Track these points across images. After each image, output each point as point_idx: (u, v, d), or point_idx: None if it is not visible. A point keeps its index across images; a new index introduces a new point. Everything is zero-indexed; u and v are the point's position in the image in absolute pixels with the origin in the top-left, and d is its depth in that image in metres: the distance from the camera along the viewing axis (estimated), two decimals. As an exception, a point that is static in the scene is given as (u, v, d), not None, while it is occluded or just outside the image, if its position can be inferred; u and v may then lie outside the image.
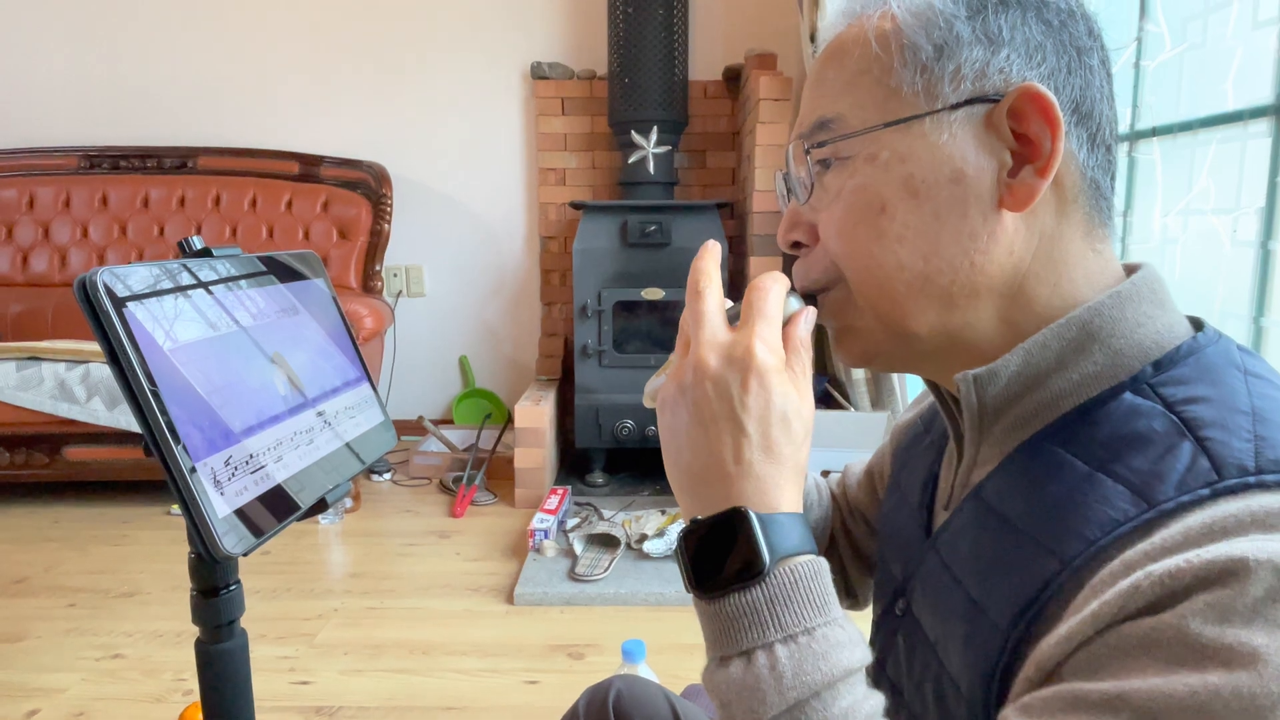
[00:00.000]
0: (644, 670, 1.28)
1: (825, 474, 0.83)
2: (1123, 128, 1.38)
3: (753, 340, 0.44)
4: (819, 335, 0.58)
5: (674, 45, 2.71)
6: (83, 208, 2.99)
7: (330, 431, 0.71)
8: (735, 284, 2.74)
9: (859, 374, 2.20)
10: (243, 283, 0.67)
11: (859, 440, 2.04)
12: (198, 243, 0.65)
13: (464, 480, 2.63)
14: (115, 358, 0.53)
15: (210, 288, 0.63)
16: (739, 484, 0.43)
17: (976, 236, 0.46)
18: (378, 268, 2.98)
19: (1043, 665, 0.38)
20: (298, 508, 0.63)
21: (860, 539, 0.75)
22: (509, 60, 3.07)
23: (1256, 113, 1.10)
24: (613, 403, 2.65)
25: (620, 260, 2.63)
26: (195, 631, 0.66)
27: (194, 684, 1.58)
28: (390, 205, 2.97)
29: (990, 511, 0.47)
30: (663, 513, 2.33)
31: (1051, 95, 0.44)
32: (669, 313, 2.72)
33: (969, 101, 0.45)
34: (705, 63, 3.02)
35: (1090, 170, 0.46)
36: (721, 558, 0.42)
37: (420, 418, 3.13)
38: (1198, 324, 0.48)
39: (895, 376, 2.14)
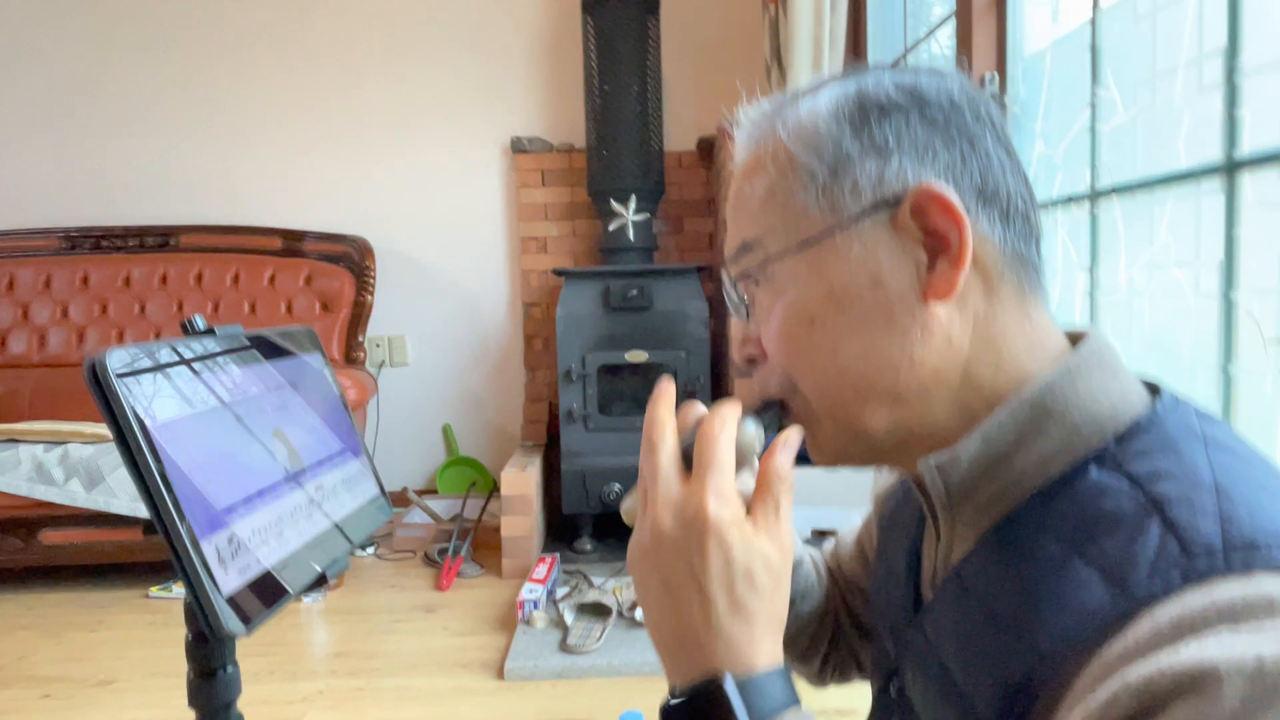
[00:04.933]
0: (643, 741, 1.26)
1: (820, 534, 0.83)
2: (1083, 187, 1.45)
3: (704, 497, 0.44)
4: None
5: (648, 118, 2.81)
6: (63, 288, 2.98)
7: (320, 511, 0.71)
8: (717, 345, 2.77)
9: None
10: (241, 361, 0.68)
11: (846, 498, 2.05)
12: (201, 323, 0.66)
13: (449, 552, 2.59)
14: (122, 437, 0.53)
15: (212, 366, 0.64)
16: (712, 648, 0.43)
17: (909, 333, 0.47)
18: (360, 339, 2.99)
19: None
20: (287, 592, 0.63)
21: (860, 613, 0.74)
22: (489, 135, 3.15)
23: (1207, 170, 1.16)
24: (599, 466, 2.65)
25: (603, 324, 2.66)
26: None
27: (174, 776, 1.52)
28: (373, 277, 3.00)
29: (970, 594, 0.47)
30: (653, 578, 2.31)
31: (947, 190, 0.46)
32: (652, 374, 2.74)
33: (872, 209, 0.47)
34: (679, 133, 3.12)
35: (1009, 244, 0.48)
36: None
37: (405, 489, 3.09)
38: (1153, 388, 0.49)
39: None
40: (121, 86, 3.13)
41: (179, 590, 2.46)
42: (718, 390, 2.83)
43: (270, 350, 0.72)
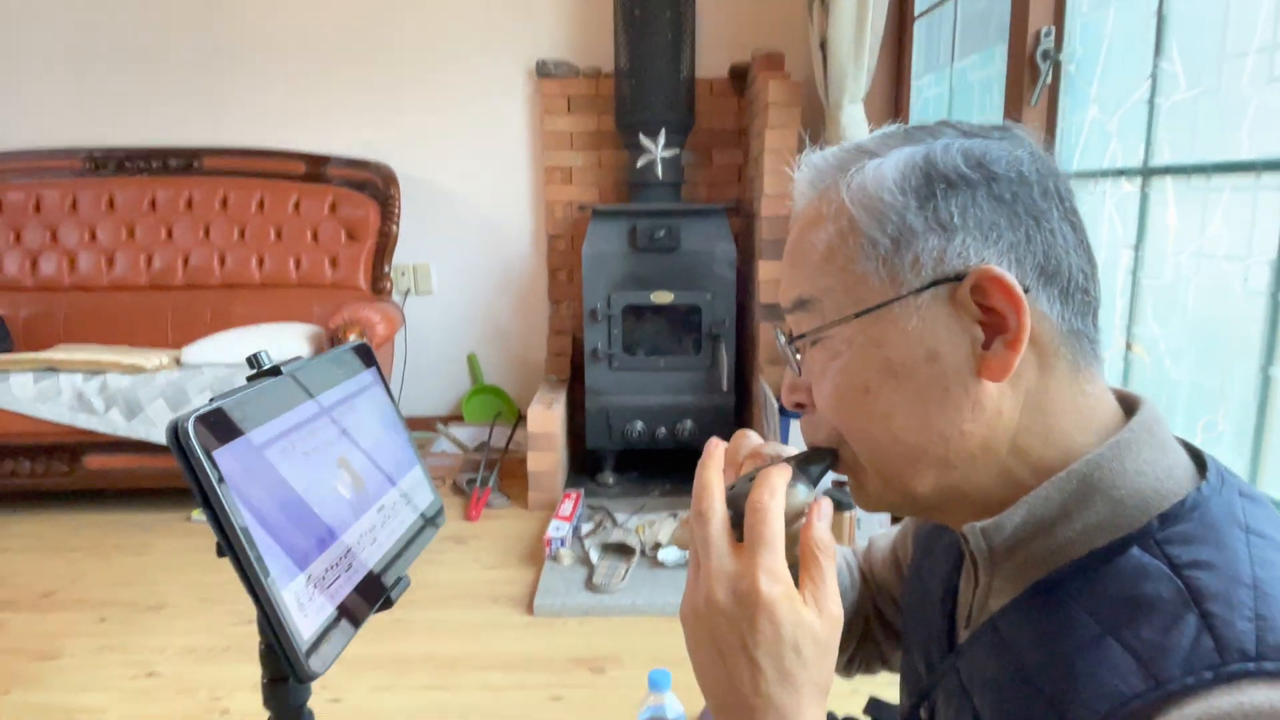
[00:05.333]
0: (670, 699, 1.33)
1: (841, 484, 0.85)
2: (1136, 162, 1.40)
3: (757, 576, 0.46)
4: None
5: (681, 42, 2.70)
6: (90, 210, 2.98)
7: (384, 533, 0.74)
8: (743, 286, 2.76)
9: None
10: (303, 392, 0.70)
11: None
12: (267, 360, 0.68)
13: (478, 483, 2.67)
14: (205, 496, 0.56)
15: (284, 411, 0.66)
16: (762, 715, 0.46)
17: (961, 408, 0.48)
18: (386, 269, 2.99)
19: None
20: (357, 623, 0.67)
21: (891, 618, 0.78)
22: (514, 58, 3.06)
23: (1270, 165, 1.12)
24: (623, 405, 2.69)
25: (629, 263, 2.65)
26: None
27: (229, 702, 1.64)
28: (398, 207, 2.97)
29: (1006, 649, 0.50)
30: (674, 515, 2.38)
31: (1009, 275, 0.46)
32: (678, 316, 2.74)
33: (932, 284, 0.48)
34: (711, 60, 3.01)
35: (1067, 322, 0.48)
36: None
37: (436, 423, 3.16)
38: (1199, 458, 0.50)
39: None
40: (144, 7, 3.04)
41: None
42: (742, 334, 2.83)
43: (327, 378, 0.74)
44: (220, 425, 0.59)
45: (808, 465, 0.53)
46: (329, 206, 3.00)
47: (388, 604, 0.71)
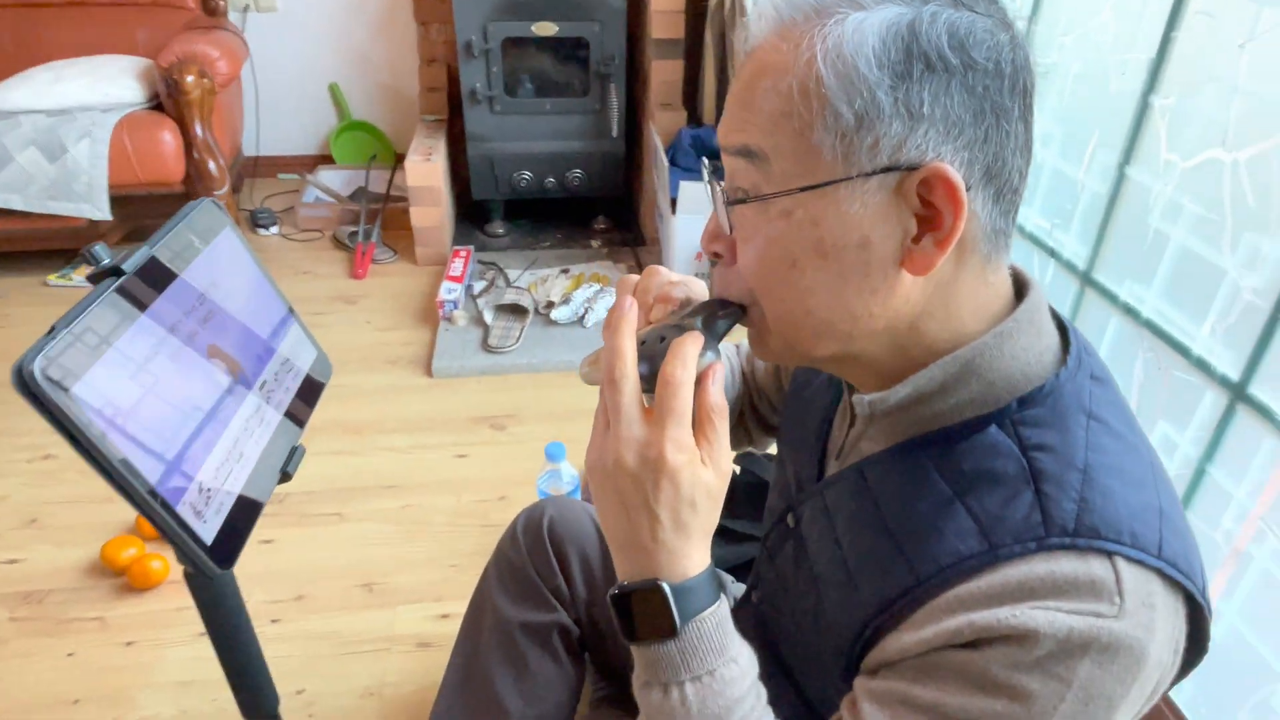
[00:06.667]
0: (565, 467, 1.47)
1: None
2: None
3: (664, 446, 0.50)
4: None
5: None
6: None
7: (269, 407, 0.75)
8: (635, 17, 2.53)
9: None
10: (156, 284, 0.65)
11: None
12: (103, 254, 0.62)
13: (360, 237, 2.58)
14: (75, 441, 0.55)
15: (133, 317, 0.61)
16: (656, 558, 0.52)
17: (877, 292, 0.50)
18: (218, -14, 2.57)
19: (881, 658, 0.52)
20: (260, 504, 0.69)
21: (765, 414, 0.86)
22: None
23: (1169, -47, 1.08)
24: (508, 152, 2.57)
25: (506, -11, 2.37)
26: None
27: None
28: (220, -94, 2.47)
29: (868, 495, 0.58)
30: (564, 272, 2.41)
31: (959, 178, 0.46)
32: (564, 51, 2.53)
33: (884, 170, 0.47)
34: None
35: (993, 222, 0.50)
36: (644, 617, 0.53)
37: (304, 171, 2.93)
38: (1065, 341, 0.56)
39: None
40: None
41: (79, 279, 2.42)
42: (633, 72, 2.65)
43: (179, 255, 0.69)
44: (71, 356, 0.55)
45: (714, 322, 0.55)
46: (132, -97, 2.46)
47: (286, 478, 0.74)
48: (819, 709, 0.66)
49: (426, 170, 2.42)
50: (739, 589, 0.93)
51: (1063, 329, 0.56)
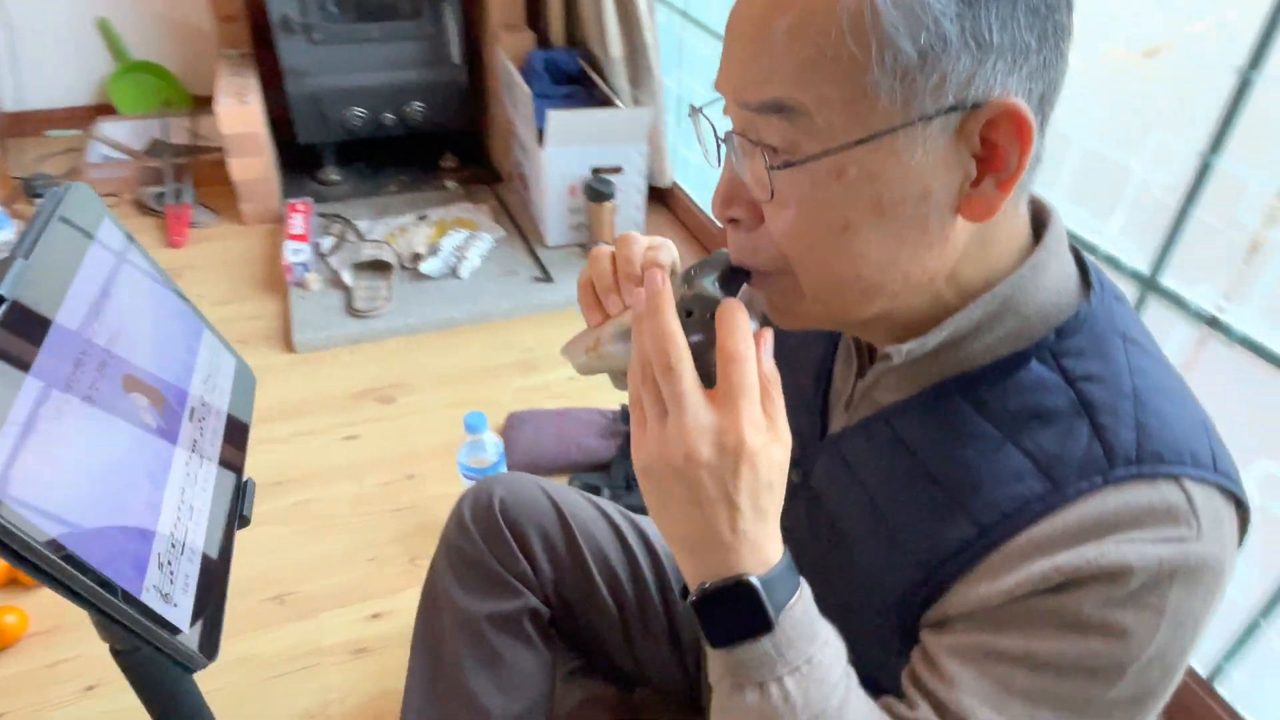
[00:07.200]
0: (489, 437, 1.36)
1: (599, 171, 0.75)
2: None
3: (742, 428, 0.45)
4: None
5: None
6: None
7: (204, 442, 0.60)
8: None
9: (616, 51, 2.07)
10: (42, 324, 0.49)
11: (623, 136, 2.01)
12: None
13: (169, 198, 2.23)
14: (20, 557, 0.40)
15: (31, 358, 0.46)
16: (738, 552, 0.47)
17: (932, 246, 0.46)
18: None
19: (952, 610, 0.50)
20: (227, 566, 0.56)
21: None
22: None
23: None
24: (335, 87, 2.29)
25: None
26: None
27: None
28: None
29: (903, 447, 0.54)
30: (422, 218, 2.22)
31: (1030, 112, 0.42)
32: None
33: (949, 110, 0.42)
34: None
35: (1038, 152, 0.46)
36: (733, 618, 0.48)
37: (83, 131, 2.47)
38: (1082, 266, 0.54)
39: (654, 62, 2.05)
40: None
41: None
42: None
43: (58, 275, 0.52)
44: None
45: (730, 286, 0.50)
46: None
47: (245, 522, 0.61)
48: None
49: (244, 114, 2.11)
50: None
51: (1074, 251, 0.55)
